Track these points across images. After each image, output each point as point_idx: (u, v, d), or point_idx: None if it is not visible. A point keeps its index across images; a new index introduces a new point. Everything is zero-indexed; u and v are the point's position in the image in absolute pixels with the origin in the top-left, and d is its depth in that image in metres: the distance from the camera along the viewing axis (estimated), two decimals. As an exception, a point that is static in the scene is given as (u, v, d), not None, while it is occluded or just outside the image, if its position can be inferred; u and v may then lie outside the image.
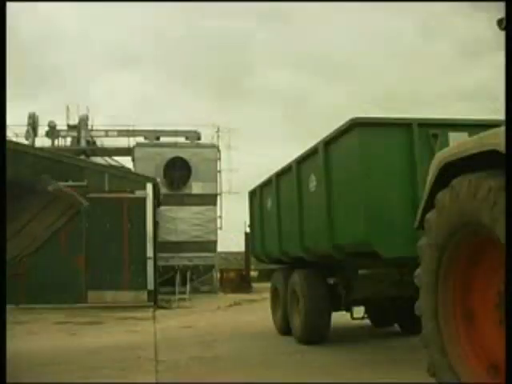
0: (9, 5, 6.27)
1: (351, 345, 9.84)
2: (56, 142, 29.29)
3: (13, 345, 7.77)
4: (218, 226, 27.45)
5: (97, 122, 30.07)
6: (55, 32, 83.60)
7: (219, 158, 28.19)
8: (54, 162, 19.03)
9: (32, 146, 25.05)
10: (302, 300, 9.81)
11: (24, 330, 12.94)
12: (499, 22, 4.44)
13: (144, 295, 19.78)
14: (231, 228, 35.54)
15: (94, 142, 29.72)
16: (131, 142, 28.89)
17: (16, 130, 26.69)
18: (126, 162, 28.89)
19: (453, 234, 4.33)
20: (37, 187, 8.27)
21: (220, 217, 27.66)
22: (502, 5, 4.15)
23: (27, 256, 8.72)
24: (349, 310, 10.73)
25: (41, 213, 8.63)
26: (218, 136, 28.58)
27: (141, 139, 29.21)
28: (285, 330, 10.94)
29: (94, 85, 74.53)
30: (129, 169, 26.87)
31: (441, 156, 4.63)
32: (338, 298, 9.66)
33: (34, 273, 18.06)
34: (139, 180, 21.22)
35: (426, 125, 7.93)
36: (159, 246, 22.93)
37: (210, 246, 27.22)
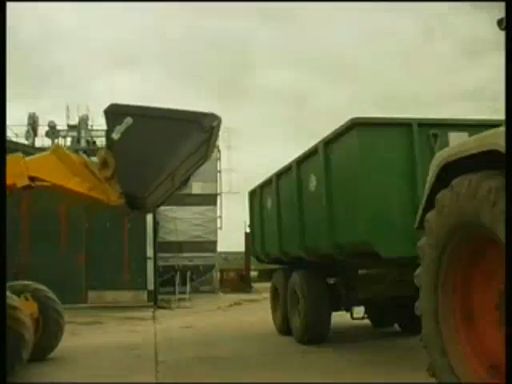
0: (9, 5, 6.29)
1: (351, 345, 9.84)
2: (56, 142, 29.27)
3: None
4: (218, 225, 27.43)
5: (97, 122, 30.07)
6: (55, 32, 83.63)
7: (219, 158, 28.15)
8: (54, 162, 19.00)
9: (32, 146, 25.05)
10: (302, 300, 9.81)
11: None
12: (499, 22, 4.45)
13: (144, 295, 19.79)
14: (231, 228, 35.57)
15: (94, 142, 29.70)
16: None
17: (16, 130, 26.70)
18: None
19: (453, 234, 4.32)
20: (204, 123, 7.86)
21: (220, 217, 27.64)
22: (502, 5, 4.15)
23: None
24: (349, 310, 10.74)
25: (190, 156, 8.22)
26: (218, 136, 28.53)
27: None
28: (285, 330, 10.93)
29: (94, 84, 74.59)
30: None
31: (441, 156, 4.63)
32: (338, 298, 9.66)
33: (33, 273, 18.03)
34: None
35: (426, 125, 7.93)
36: (159, 245, 22.92)
37: (210, 246, 27.20)
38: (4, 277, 7.08)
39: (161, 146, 7.57)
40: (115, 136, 7.59)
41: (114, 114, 7.73)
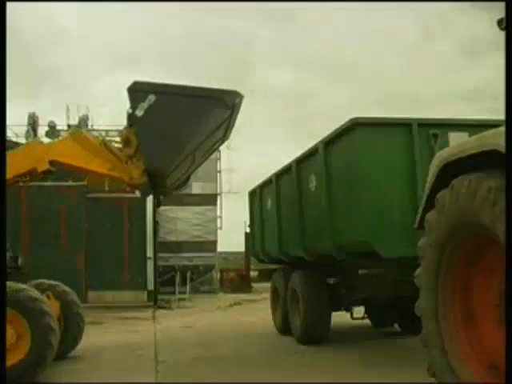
0: (9, 5, 6.29)
1: (351, 345, 9.84)
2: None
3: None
4: (218, 225, 27.39)
5: (97, 122, 30.05)
6: (55, 31, 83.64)
7: (219, 158, 28.11)
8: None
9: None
10: (302, 300, 9.81)
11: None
12: (499, 22, 4.44)
13: (144, 295, 19.78)
14: (231, 228, 35.55)
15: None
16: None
17: (16, 130, 26.67)
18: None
19: (453, 234, 4.32)
20: (226, 100, 7.87)
21: (220, 217, 27.61)
22: (502, 5, 4.15)
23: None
24: (349, 310, 10.75)
25: (211, 135, 8.28)
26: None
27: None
28: (285, 329, 10.93)
29: (94, 84, 74.59)
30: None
31: (441, 156, 4.63)
32: (338, 298, 9.66)
33: (33, 272, 18.03)
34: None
35: (426, 125, 7.93)
36: (159, 245, 22.90)
37: (210, 246, 27.17)
38: (4, 277, 7.10)
39: (183, 123, 7.66)
40: (139, 113, 7.64)
41: (137, 91, 7.78)
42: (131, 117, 7.83)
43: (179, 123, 7.65)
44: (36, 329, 7.21)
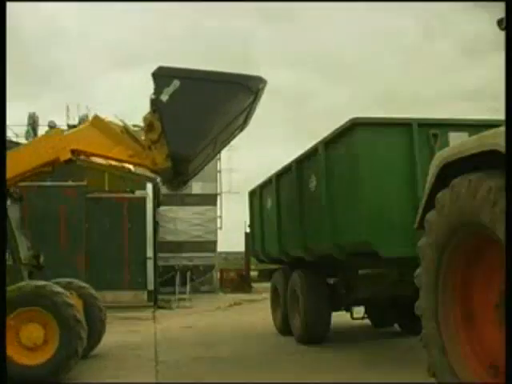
0: (9, 4, 6.29)
1: (351, 345, 9.84)
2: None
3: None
4: (218, 225, 27.40)
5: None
6: (56, 31, 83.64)
7: (219, 158, 28.10)
8: (54, 162, 19.00)
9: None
10: (302, 300, 9.81)
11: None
12: (499, 22, 4.44)
13: (144, 295, 19.75)
14: (231, 228, 35.54)
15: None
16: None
17: (16, 130, 26.65)
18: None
19: (453, 234, 4.32)
20: (250, 85, 7.96)
21: (220, 217, 27.61)
22: (502, 5, 4.15)
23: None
24: (349, 310, 10.74)
25: (233, 121, 8.30)
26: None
27: (141, 139, 29.08)
28: (285, 329, 10.93)
29: (94, 84, 74.57)
30: (129, 169, 26.81)
31: (441, 156, 4.63)
32: (338, 297, 9.66)
33: (33, 273, 18.03)
34: (139, 180, 21.20)
35: (426, 125, 7.93)
36: (159, 245, 22.88)
37: (210, 246, 27.17)
38: (4, 276, 7.09)
39: (208, 108, 7.73)
40: (163, 98, 7.70)
41: (162, 76, 7.84)
42: (155, 102, 7.88)
43: (203, 108, 7.73)
44: (63, 323, 7.27)
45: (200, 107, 7.72)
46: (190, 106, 7.72)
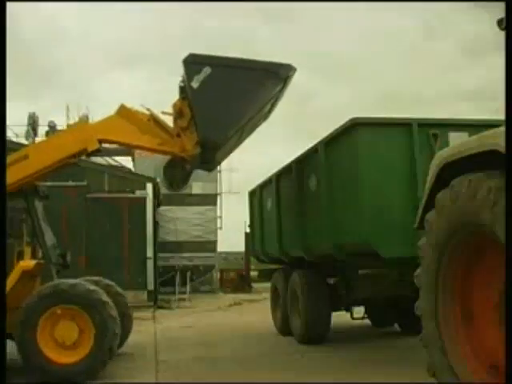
0: (9, 4, 6.29)
1: (351, 345, 9.84)
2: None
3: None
4: (218, 225, 27.39)
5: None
6: (56, 31, 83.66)
7: (219, 158, 28.10)
8: (54, 162, 18.99)
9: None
10: (302, 300, 9.80)
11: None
12: (499, 22, 4.44)
13: (144, 295, 19.75)
14: (231, 228, 35.51)
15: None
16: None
17: (16, 130, 26.65)
18: (126, 161, 28.86)
19: (453, 234, 4.32)
20: (280, 72, 8.03)
21: (220, 217, 27.61)
22: (502, 5, 4.15)
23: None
24: (349, 310, 10.74)
25: (261, 108, 8.38)
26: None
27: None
28: (285, 329, 10.93)
29: (94, 84, 74.57)
30: (129, 169, 26.83)
31: (441, 156, 4.63)
32: (338, 297, 9.66)
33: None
34: (139, 180, 21.20)
35: (426, 125, 7.93)
36: (159, 245, 22.88)
37: (210, 245, 27.16)
38: (4, 276, 7.11)
39: (238, 95, 7.80)
40: (194, 85, 7.77)
41: (193, 63, 7.92)
42: (185, 89, 7.95)
43: (234, 95, 7.80)
44: (98, 320, 7.31)
45: (230, 94, 7.79)
46: (220, 92, 7.80)
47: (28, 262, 8.12)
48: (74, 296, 7.36)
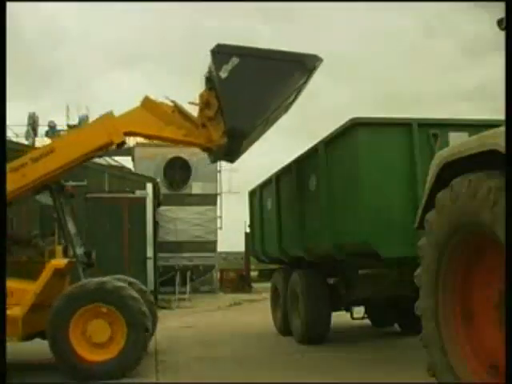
0: (9, 4, 6.29)
1: (351, 345, 9.84)
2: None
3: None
4: (218, 225, 27.38)
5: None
6: (56, 31, 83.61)
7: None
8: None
9: (32, 146, 25.01)
10: (302, 300, 9.80)
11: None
12: (499, 22, 4.44)
13: (144, 295, 19.74)
14: (231, 228, 35.49)
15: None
16: (131, 141, 28.77)
17: (16, 130, 26.65)
18: (126, 162, 28.86)
19: (453, 234, 4.32)
20: (307, 63, 8.16)
21: (220, 217, 27.60)
22: (503, 4, 4.15)
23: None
24: (349, 310, 10.74)
25: (288, 98, 8.49)
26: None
27: (141, 139, 29.05)
28: (285, 329, 10.93)
29: (94, 84, 74.56)
30: (129, 169, 26.82)
31: (441, 156, 4.63)
32: (338, 298, 9.66)
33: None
34: (139, 180, 21.18)
35: (426, 125, 7.93)
36: (159, 245, 22.87)
37: (210, 246, 27.15)
38: (4, 276, 7.10)
39: (265, 85, 7.89)
40: (222, 74, 7.86)
41: (221, 53, 8.01)
42: (212, 79, 8.04)
43: (261, 85, 7.89)
44: (130, 317, 7.35)
45: (258, 84, 7.89)
46: (247, 82, 7.89)
47: (60, 261, 8.16)
48: (104, 294, 7.42)
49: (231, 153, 8.64)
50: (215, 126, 8.08)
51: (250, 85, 7.87)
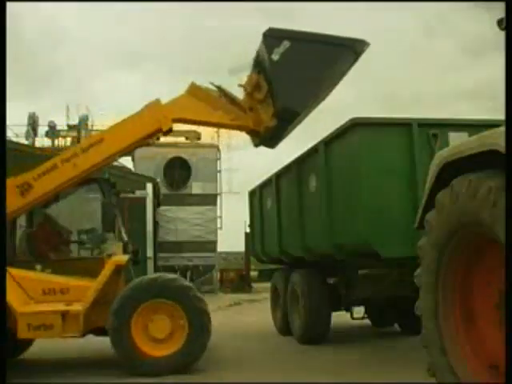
0: (9, 4, 6.30)
1: (351, 345, 9.84)
2: (56, 142, 29.22)
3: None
4: (218, 225, 27.40)
5: (97, 122, 30.02)
6: (56, 31, 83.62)
7: (219, 158, 28.10)
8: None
9: (32, 146, 25.02)
10: (302, 300, 9.80)
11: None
12: (499, 22, 4.44)
13: (144, 295, 19.73)
14: (231, 228, 35.51)
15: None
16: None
17: (16, 130, 26.67)
18: (126, 161, 28.87)
19: (453, 234, 4.32)
20: (356, 47, 8.30)
21: (220, 217, 27.61)
22: (503, 4, 4.15)
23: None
24: (349, 310, 10.74)
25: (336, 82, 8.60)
26: (218, 136, 28.51)
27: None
28: (285, 329, 10.93)
29: (94, 84, 74.56)
30: (129, 169, 26.83)
31: (441, 156, 4.63)
32: (338, 298, 9.66)
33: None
34: (139, 180, 21.19)
35: (426, 125, 7.93)
36: (159, 245, 22.87)
37: (210, 246, 27.17)
38: (4, 275, 7.11)
39: (315, 68, 8.06)
40: (274, 57, 8.03)
41: (272, 37, 8.14)
42: (262, 62, 8.18)
43: (311, 68, 8.04)
44: (193, 316, 7.53)
45: (308, 67, 8.02)
46: (298, 65, 8.02)
47: (121, 257, 8.19)
48: (170, 290, 7.50)
49: (276, 136, 8.71)
50: (265, 109, 8.20)
51: (301, 67, 8.01)
